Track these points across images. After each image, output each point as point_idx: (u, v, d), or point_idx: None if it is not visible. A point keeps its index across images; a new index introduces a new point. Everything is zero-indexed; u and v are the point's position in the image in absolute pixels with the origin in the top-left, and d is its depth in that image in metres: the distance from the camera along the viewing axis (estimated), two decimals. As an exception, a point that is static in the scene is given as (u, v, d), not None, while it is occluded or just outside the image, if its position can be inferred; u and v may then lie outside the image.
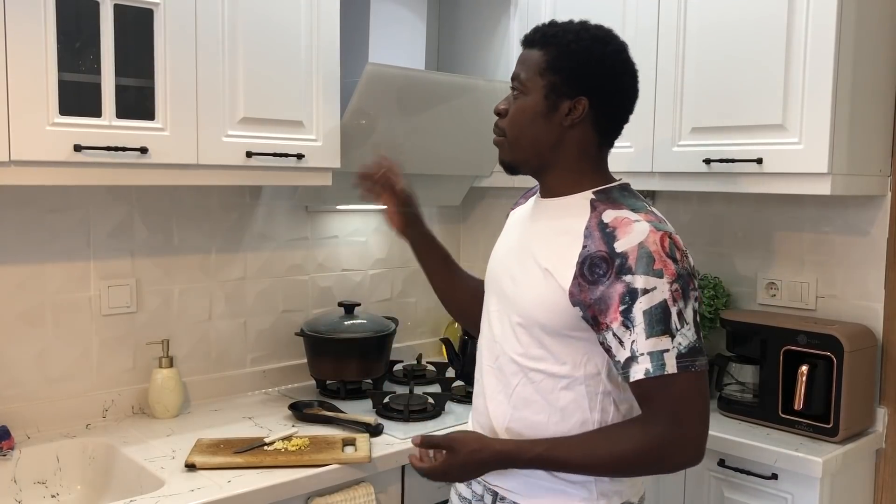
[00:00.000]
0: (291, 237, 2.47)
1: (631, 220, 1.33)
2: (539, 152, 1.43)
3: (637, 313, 1.29)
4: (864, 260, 2.13)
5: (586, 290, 1.32)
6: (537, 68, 1.39)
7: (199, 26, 1.83)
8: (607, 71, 1.40)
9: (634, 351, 1.30)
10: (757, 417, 2.12)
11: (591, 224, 1.36)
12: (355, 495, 1.82)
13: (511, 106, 1.44)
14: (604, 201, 1.39)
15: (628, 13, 2.22)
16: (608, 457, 1.33)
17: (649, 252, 1.29)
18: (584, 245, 1.34)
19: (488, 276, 1.58)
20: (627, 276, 1.29)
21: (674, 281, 1.30)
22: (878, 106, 2.03)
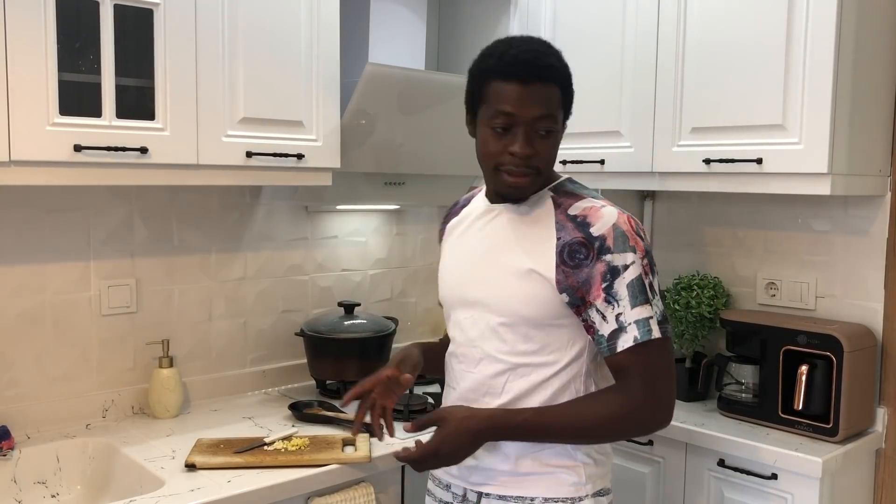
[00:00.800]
0: (291, 237, 2.47)
1: (598, 207, 1.45)
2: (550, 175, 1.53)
3: (620, 287, 1.40)
4: (864, 260, 2.13)
5: (571, 276, 1.42)
6: (558, 104, 1.47)
7: (199, 26, 1.83)
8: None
9: (622, 322, 1.40)
10: (757, 417, 2.12)
11: (560, 218, 1.46)
12: (355, 495, 1.82)
13: (540, 144, 1.45)
14: (562, 195, 1.50)
15: (628, 13, 2.23)
16: (593, 420, 1.42)
17: (623, 232, 1.42)
18: (558, 237, 1.44)
19: (448, 291, 1.61)
20: (607, 255, 1.40)
21: (644, 256, 1.43)
22: (878, 106, 2.03)
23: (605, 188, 2.36)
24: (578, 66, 2.34)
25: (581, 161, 2.33)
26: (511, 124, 1.43)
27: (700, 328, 2.34)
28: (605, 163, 2.29)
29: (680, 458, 2.11)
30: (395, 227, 2.73)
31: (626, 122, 2.24)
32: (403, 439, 1.96)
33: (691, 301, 2.32)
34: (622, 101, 2.25)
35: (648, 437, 2.17)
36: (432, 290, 2.86)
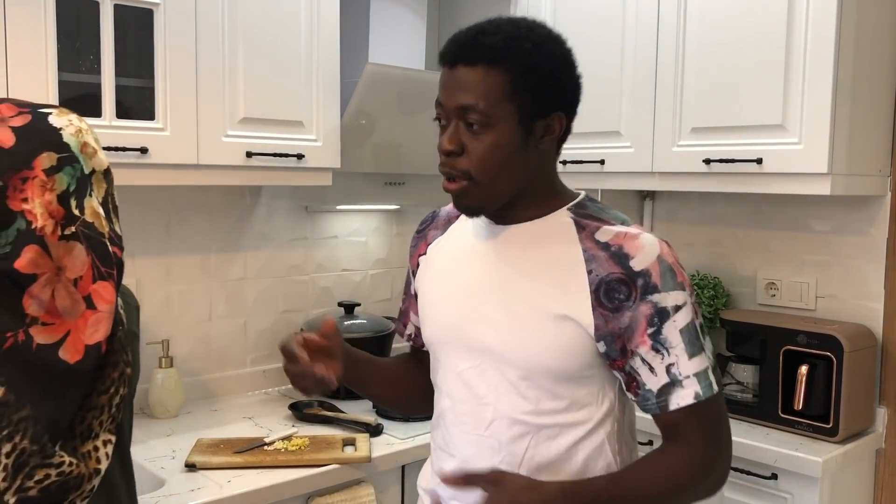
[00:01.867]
0: (291, 237, 2.47)
1: (634, 234, 1.18)
2: (515, 189, 1.20)
3: (671, 333, 1.16)
4: (864, 260, 2.13)
5: (612, 320, 1.16)
6: (501, 92, 1.14)
7: (199, 26, 1.83)
8: (573, 74, 1.22)
9: (676, 375, 1.16)
10: (757, 417, 2.12)
11: (589, 246, 1.19)
12: (355, 495, 1.82)
13: (471, 142, 1.15)
14: (586, 218, 1.22)
15: (628, 13, 2.23)
16: (668, 487, 1.22)
17: (669, 266, 1.16)
18: (589, 270, 1.17)
19: (440, 333, 1.31)
20: (654, 295, 1.15)
21: (692, 293, 1.19)
22: (878, 106, 2.03)
23: (605, 188, 2.36)
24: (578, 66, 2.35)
25: (581, 161, 2.33)
26: (443, 117, 1.19)
27: (700, 328, 2.34)
28: (605, 163, 2.29)
29: (680, 458, 2.11)
30: (395, 227, 2.73)
31: (626, 122, 2.24)
32: (404, 439, 1.96)
33: (691, 301, 2.32)
34: (622, 101, 2.25)
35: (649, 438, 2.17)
36: (432, 290, 2.86)
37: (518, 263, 1.23)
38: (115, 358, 1.10)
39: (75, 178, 1.08)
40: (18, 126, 1.06)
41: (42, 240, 1.04)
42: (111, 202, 1.15)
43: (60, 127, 1.09)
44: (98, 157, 1.12)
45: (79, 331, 1.05)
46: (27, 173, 1.04)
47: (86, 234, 1.07)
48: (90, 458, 1.07)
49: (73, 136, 1.09)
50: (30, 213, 1.04)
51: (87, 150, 1.10)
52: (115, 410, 1.10)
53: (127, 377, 1.12)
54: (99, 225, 1.09)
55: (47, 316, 1.04)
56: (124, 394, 1.12)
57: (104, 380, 1.09)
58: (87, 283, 1.06)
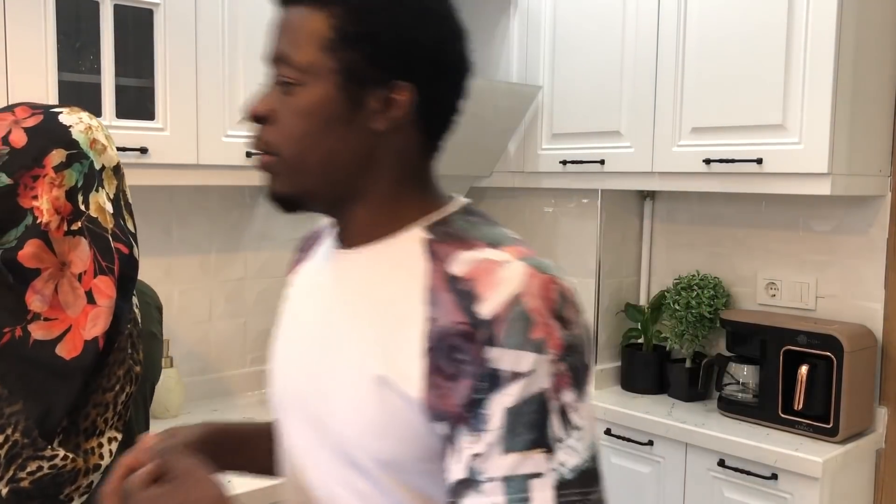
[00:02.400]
0: (291, 237, 2.47)
1: (495, 265, 0.79)
2: (336, 177, 0.86)
3: (494, 409, 0.75)
4: (864, 260, 2.13)
5: (449, 393, 0.77)
6: (319, 42, 0.82)
7: (199, 26, 1.83)
8: (440, 32, 0.88)
9: (475, 471, 0.75)
10: (757, 417, 2.12)
11: (435, 282, 0.81)
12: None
13: (280, 105, 0.85)
14: (445, 240, 0.85)
15: (628, 13, 2.23)
16: None
17: (525, 311, 0.76)
18: (429, 317, 0.79)
19: (275, 387, 0.98)
20: (491, 349, 0.75)
21: (561, 358, 0.76)
22: (878, 106, 2.03)
23: (605, 188, 2.36)
24: (578, 66, 2.36)
25: (581, 161, 2.33)
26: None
27: (700, 328, 2.34)
28: (605, 163, 2.29)
29: (680, 458, 2.11)
30: (395, 227, 2.73)
31: (626, 122, 2.24)
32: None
33: (691, 301, 2.32)
34: (622, 101, 2.25)
35: (648, 438, 2.17)
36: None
37: (351, 304, 0.88)
38: (122, 356, 1.10)
39: (83, 174, 1.10)
40: (30, 126, 1.09)
41: (46, 235, 1.06)
42: (123, 198, 1.16)
43: (70, 125, 1.12)
44: (108, 154, 1.14)
45: (79, 326, 1.06)
46: (38, 171, 1.07)
47: (90, 228, 1.09)
48: (93, 454, 1.08)
49: (82, 133, 1.12)
50: (38, 209, 1.06)
51: (97, 146, 1.13)
52: (121, 408, 1.11)
53: (135, 376, 1.12)
54: (103, 220, 1.11)
55: (50, 311, 1.06)
56: (131, 392, 1.12)
57: (110, 377, 1.10)
58: (90, 278, 1.07)
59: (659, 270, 2.60)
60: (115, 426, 1.11)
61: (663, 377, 2.42)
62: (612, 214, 2.51)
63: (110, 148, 1.16)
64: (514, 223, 2.73)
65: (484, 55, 2.63)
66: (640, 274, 2.62)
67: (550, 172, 2.44)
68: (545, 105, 2.44)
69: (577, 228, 2.53)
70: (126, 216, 1.16)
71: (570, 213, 2.55)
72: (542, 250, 2.78)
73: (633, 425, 2.20)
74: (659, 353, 2.45)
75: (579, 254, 2.53)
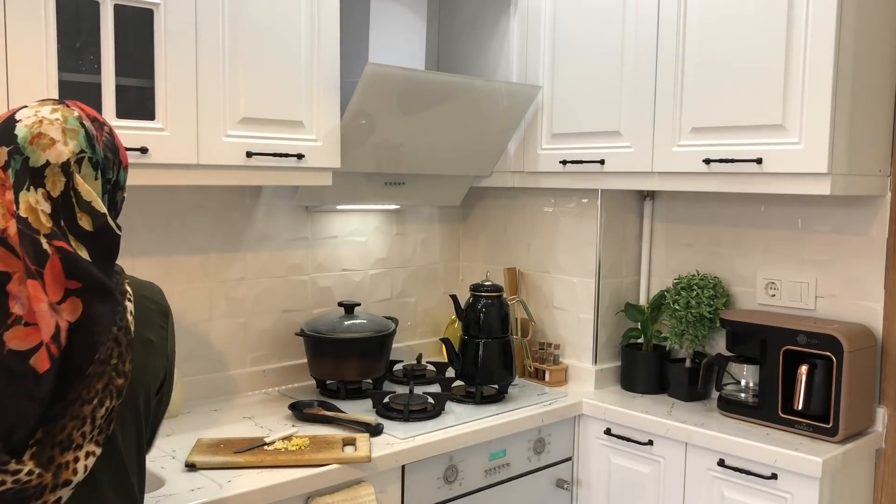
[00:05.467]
0: (291, 237, 2.47)
1: None
2: None
3: None
4: (864, 260, 2.13)
5: None
6: None
7: (199, 26, 1.83)
8: None
9: None
10: (757, 417, 2.12)
11: None
12: (355, 495, 1.82)
13: None
14: None
15: (628, 13, 2.23)
16: None
17: None
18: None
19: None
20: None
21: None
22: (877, 106, 2.03)
23: (605, 188, 2.36)
24: (578, 65, 2.36)
25: (581, 161, 2.34)
26: None
27: (700, 328, 2.34)
28: (605, 163, 2.29)
29: (680, 458, 2.11)
30: (395, 227, 2.73)
31: (626, 122, 2.25)
32: (404, 439, 1.96)
33: (691, 301, 2.32)
34: (622, 101, 2.25)
35: (648, 438, 2.17)
36: (432, 289, 2.86)
37: None
38: (101, 369, 1.05)
39: (15, 172, 1.04)
40: None
41: (5, 241, 1.02)
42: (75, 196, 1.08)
43: (20, 119, 1.07)
44: (56, 149, 1.07)
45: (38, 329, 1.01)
46: None
47: (20, 229, 1.03)
48: (66, 468, 1.03)
49: (26, 128, 1.06)
50: None
51: (41, 140, 1.06)
52: (101, 422, 1.06)
53: (116, 389, 1.07)
54: (35, 220, 1.04)
55: (29, 316, 1.01)
56: (113, 406, 1.07)
57: (89, 389, 1.04)
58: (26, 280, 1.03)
59: (659, 270, 2.60)
60: (95, 440, 1.06)
61: (663, 377, 2.42)
62: (612, 214, 2.51)
63: (60, 143, 1.08)
64: (514, 223, 2.73)
65: (484, 55, 2.63)
66: (640, 274, 2.62)
67: (550, 172, 2.44)
68: (545, 105, 2.44)
69: (577, 228, 2.53)
70: (79, 215, 1.08)
71: (570, 213, 2.55)
72: (542, 250, 2.80)
73: (633, 425, 2.21)
74: (659, 353, 2.45)
75: (579, 254, 2.53)
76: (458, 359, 2.38)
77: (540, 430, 2.25)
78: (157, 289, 1.26)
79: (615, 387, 2.51)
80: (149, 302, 1.20)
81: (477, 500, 2.11)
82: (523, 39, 2.48)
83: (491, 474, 2.14)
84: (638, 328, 2.53)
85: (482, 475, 2.12)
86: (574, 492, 2.37)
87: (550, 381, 2.51)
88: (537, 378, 2.55)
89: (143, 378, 1.16)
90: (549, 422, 2.26)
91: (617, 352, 2.56)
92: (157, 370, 1.22)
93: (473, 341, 2.34)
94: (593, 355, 2.51)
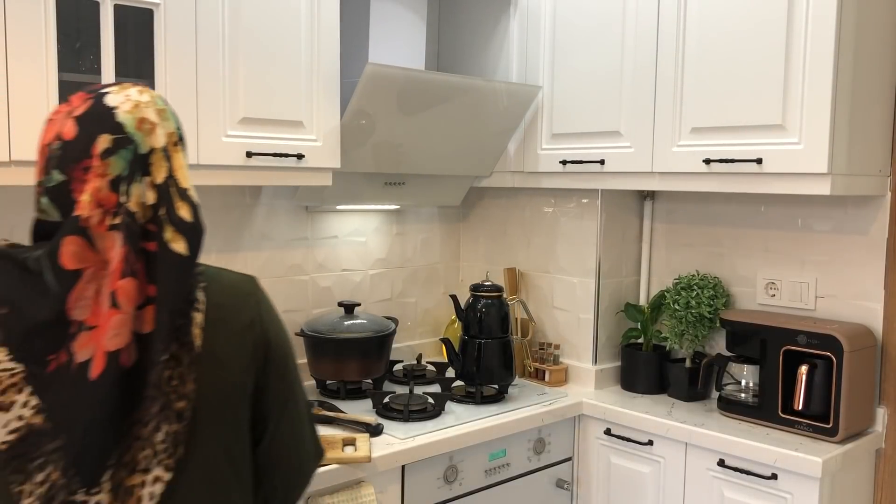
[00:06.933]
0: (291, 237, 2.47)
1: None
2: None
3: None
4: (864, 260, 2.13)
5: None
6: None
7: (199, 26, 1.83)
8: None
9: None
10: (757, 417, 2.12)
11: None
12: (355, 495, 1.82)
13: None
14: None
15: (628, 13, 2.23)
16: None
17: None
18: None
19: None
20: None
21: None
22: (877, 106, 2.03)
23: (605, 188, 2.36)
24: (578, 65, 2.36)
25: (581, 161, 2.34)
26: None
27: (700, 328, 2.34)
28: (605, 163, 2.29)
29: (680, 458, 2.11)
30: (395, 227, 2.73)
31: (626, 122, 2.25)
32: (404, 439, 1.96)
33: (691, 301, 2.32)
34: (622, 101, 2.25)
35: (648, 438, 2.17)
36: (432, 289, 2.86)
37: None
38: (155, 392, 0.97)
39: (128, 162, 0.99)
40: (80, 114, 1.00)
41: (86, 231, 0.96)
42: (175, 184, 1.03)
43: (115, 105, 1.01)
44: (156, 134, 1.02)
45: (102, 334, 0.95)
46: (87, 162, 0.98)
47: (127, 223, 0.97)
48: (131, 495, 0.97)
49: (128, 114, 1.01)
50: (79, 203, 0.97)
51: (144, 126, 1.01)
52: (165, 446, 0.98)
53: (176, 412, 0.99)
54: (141, 214, 0.99)
55: (92, 317, 0.95)
56: (174, 430, 0.99)
57: (144, 412, 0.97)
58: (115, 279, 0.96)
59: (659, 270, 2.60)
60: (161, 464, 0.98)
61: (663, 377, 2.42)
62: (611, 214, 2.51)
63: (162, 125, 1.03)
64: (514, 223, 2.73)
65: (484, 55, 2.63)
66: (640, 274, 2.62)
67: (550, 172, 2.44)
68: (545, 105, 2.44)
69: (577, 228, 2.53)
70: (178, 203, 1.02)
71: (570, 213, 2.55)
72: (542, 250, 2.80)
73: (633, 425, 2.21)
74: (659, 353, 2.45)
75: (579, 254, 2.53)
76: (458, 359, 2.38)
77: (540, 430, 2.25)
78: (241, 289, 1.12)
79: (615, 387, 2.51)
80: (223, 311, 1.07)
81: (477, 500, 2.11)
82: (523, 39, 2.48)
83: (491, 474, 2.14)
84: (638, 328, 2.53)
85: (482, 475, 2.12)
86: (574, 492, 2.37)
87: (550, 381, 2.51)
88: (537, 378, 2.55)
89: (219, 396, 1.05)
90: (549, 422, 2.26)
91: (617, 352, 2.56)
92: (239, 385, 1.08)
93: (473, 341, 2.34)
94: (593, 355, 2.51)
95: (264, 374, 1.12)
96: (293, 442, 1.17)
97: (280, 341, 1.14)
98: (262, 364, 1.11)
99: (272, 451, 1.14)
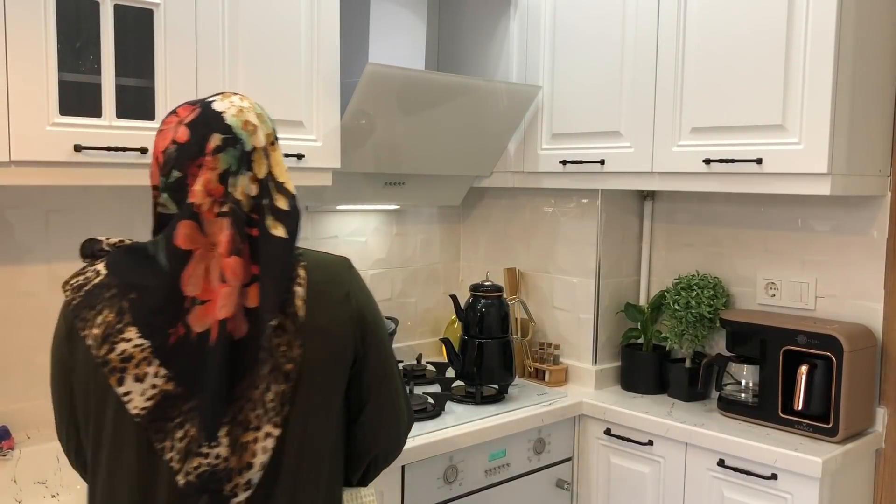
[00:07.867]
0: (291, 237, 2.47)
1: None
2: None
3: None
4: (864, 260, 2.13)
5: None
6: None
7: (199, 26, 1.83)
8: None
9: None
10: (757, 417, 2.12)
11: None
12: (355, 495, 1.82)
13: None
14: None
15: (628, 13, 2.23)
16: None
17: None
18: None
19: None
20: None
21: None
22: (877, 106, 2.03)
23: (605, 188, 2.36)
24: (578, 65, 2.36)
25: (581, 161, 2.34)
26: None
27: (700, 328, 2.34)
28: (605, 163, 2.29)
29: (680, 458, 2.11)
30: (395, 227, 2.73)
31: (626, 122, 2.25)
32: (403, 439, 1.95)
33: (691, 301, 2.32)
34: (622, 101, 2.25)
35: (648, 438, 2.17)
36: (432, 289, 2.86)
37: None
38: (266, 356, 1.12)
39: (236, 158, 1.15)
40: (191, 120, 1.16)
41: (197, 216, 1.12)
42: (272, 179, 1.19)
43: (223, 110, 1.17)
44: (258, 135, 1.18)
45: (213, 307, 1.10)
46: (201, 159, 1.14)
47: (234, 210, 1.13)
48: (246, 450, 1.11)
49: (234, 117, 1.17)
50: (192, 192, 1.13)
51: (248, 127, 1.17)
52: (274, 404, 1.13)
53: (284, 373, 1.13)
54: (245, 203, 1.15)
55: (204, 293, 1.10)
56: (283, 390, 1.13)
57: (256, 375, 1.11)
58: (224, 257, 1.11)
59: (659, 270, 2.60)
60: (271, 421, 1.12)
61: (663, 377, 2.43)
62: (611, 214, 2.51)
63: (262, 127, 1.19)
64: (514, 223, 2.73)
65: (484, 55, 2.63)
66: (640, 274, 2.62)
67: (550, 172, 2.44)
68: (545, 105, 2.44)
69: (577, 228, 2.53)
70: (276, 195, 1.17)
71: (570, 213, 2.55)
72: (542, 250, 2.79)
73: (633, 425, 2.21)
74: (659, 353, 2.45)
75: (579, 254, 2.53)
76: (458, 359, 2.38)
77: (540, 431, 2.25)
78: (337, 268, 1.28)
79: (615, 387, 2.51)
80: (322, 286, 1.21)
81: (477, 500, 2.11)
82: (523, 39, 2.48)
83: (491, 474, 2.14)
84: (638, 328, 2.53)
85: (482, 475, 2.12)
86: (574, 492, 2.37)
87: (550, 382, 2.51)
88: (537, 378, 2.55)
89: (320, 361, 1.19)
90: (549, 422, 2.26)
91: (617, 352, 2.56)
92: (339, 353, 1.22)
93: (473, 341, 2.34)
94: (593, 355, 2.51)
95: (363, 345, 1.26)
96: (392, 411, 1.32)
97: (373, 316, 1.29)
98: (360, 335, 1.25)
99: (374, 419, 1.29)
